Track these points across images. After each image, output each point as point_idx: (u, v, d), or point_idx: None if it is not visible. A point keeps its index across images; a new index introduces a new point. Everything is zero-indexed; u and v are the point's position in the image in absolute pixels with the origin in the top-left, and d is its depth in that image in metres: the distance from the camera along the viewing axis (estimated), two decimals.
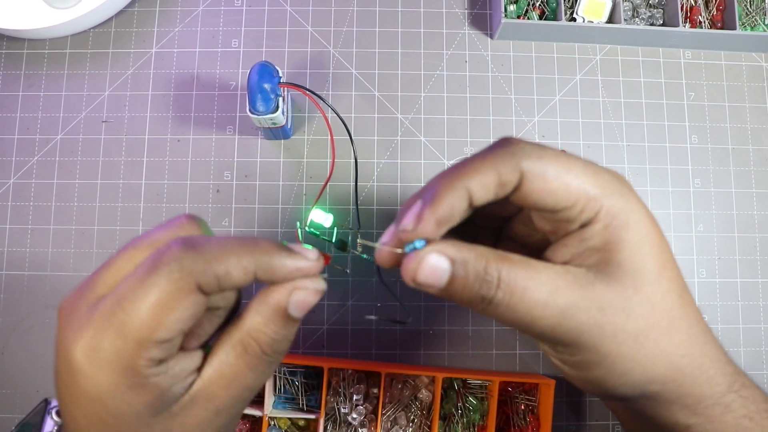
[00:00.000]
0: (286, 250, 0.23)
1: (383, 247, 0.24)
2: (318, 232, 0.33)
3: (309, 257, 0.23)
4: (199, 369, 0.23)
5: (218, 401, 0.23)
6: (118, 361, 0.20)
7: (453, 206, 0.22)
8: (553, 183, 0.22)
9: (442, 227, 0.22)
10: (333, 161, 0.47)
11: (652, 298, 0.23)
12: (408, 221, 0.22)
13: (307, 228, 0.33)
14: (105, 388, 0.21)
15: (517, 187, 0.22)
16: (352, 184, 0.47)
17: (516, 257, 0.23)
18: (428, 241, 0.23)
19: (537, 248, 0.26)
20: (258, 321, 0.23)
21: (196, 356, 0.23)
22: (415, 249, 0.22)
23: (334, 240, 0.34)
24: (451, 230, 0.23)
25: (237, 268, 0.21)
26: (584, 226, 0.23)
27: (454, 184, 0.22)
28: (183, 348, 0.23)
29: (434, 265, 0.22)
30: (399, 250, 0.23)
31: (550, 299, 0.22)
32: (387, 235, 0.24)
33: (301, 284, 0.23)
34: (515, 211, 0.28)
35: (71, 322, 0.21)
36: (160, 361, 0.21)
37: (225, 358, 0.23)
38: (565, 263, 0.24)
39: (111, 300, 0.21)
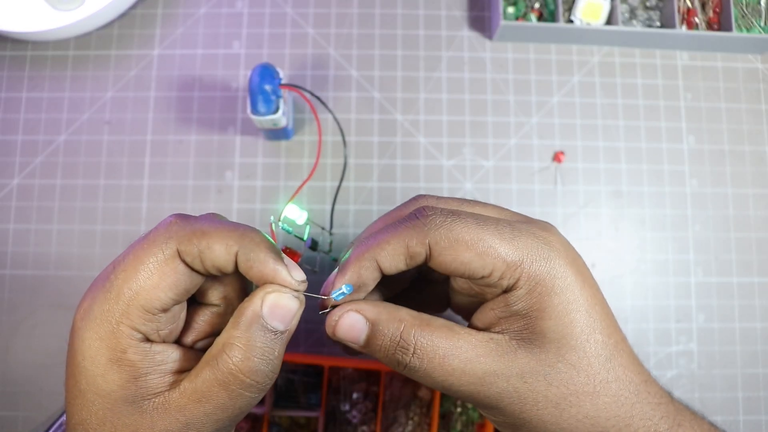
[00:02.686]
0: (275, 251, 0.22)
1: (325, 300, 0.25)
2: (291, 229, 0.33)
3: (294, 274, 0.22)
4: (183, 373, 0.23)
5: (189, 414, 0.22)
6: (103, 323, 0.21)
7: (361, 276, 0.23)
8: (464, 254, 0.22)
9: (353, 294, 0.24)
10: (317, 161, 0.48)
11: (577, 363, 0.23)
12: (325, 288, 0.24)
13: (281, 224, 0.33)
14: (88, 353, 0.21)
15: (430, 257, 0.23)
16: (336, 183, 0.48)
17: (438, 323, 0.23)
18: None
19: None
20: (232, 333, 0.22)
21: (183, 354, 0.23)
22: (341, 294, 0.24)
23: (305, 238, 0.35)
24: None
25: (220, 244, 0.21)
26: (508, 291, 0.23)
27: (363, 256, 0.23)
28: (178, 343, 0.23)
29: (352, 322, 0.24)
30: (325, 297, 0.24)
31: (468, 367, 0.23)
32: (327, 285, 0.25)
33: (275, 287, 0.22)
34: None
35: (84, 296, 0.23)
36: (146, 339, 0.22)
37: (200, 371, 0.22)
38: (491, 326, 0.24)
39: (108, 267, 0.22)
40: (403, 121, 0.50)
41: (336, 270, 0.25)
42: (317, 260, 0.44)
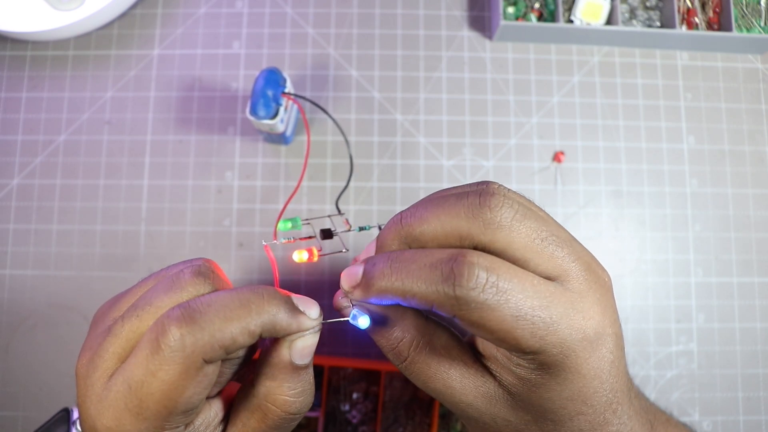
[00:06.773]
0: (291, 309, 0.23)
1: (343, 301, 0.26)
2: (291, 237, 0.33)
3: (311, 316, 0.23)
4: (222, 421, 0.24)
5: None
6: None
7: (381, 299, 0.23)
8: (484, 335, 0.21)
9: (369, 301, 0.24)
10: (303, 173, 0.48)
11: None
12: (347, 285, 0.24)
13: (279, 240, 0.33)
14: None
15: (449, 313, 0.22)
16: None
17: (440, 343, 0.24)
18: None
19: None
20: (270, 385, 0.23)
21: (217, 406, 0.24)
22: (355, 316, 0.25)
23: (316, 234, 0.35)
24: None
25: (242, 334, 0.21)
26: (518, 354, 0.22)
27: (391, 287, 0.22)
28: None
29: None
30: (346, 304, 0.25)
31: (448, 392, 0.24)
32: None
33: (298, 334, 0.23)
34: None
35: (90, 395, 0.22)
36: (186, 425, 0.22)
37: (247, 422, 0.23)
38: (490, 359, 0.24)
39: (122, 384, 0.21)
40: (403, 121, 0.50)
41: (357, 266, 0.24)
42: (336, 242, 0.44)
